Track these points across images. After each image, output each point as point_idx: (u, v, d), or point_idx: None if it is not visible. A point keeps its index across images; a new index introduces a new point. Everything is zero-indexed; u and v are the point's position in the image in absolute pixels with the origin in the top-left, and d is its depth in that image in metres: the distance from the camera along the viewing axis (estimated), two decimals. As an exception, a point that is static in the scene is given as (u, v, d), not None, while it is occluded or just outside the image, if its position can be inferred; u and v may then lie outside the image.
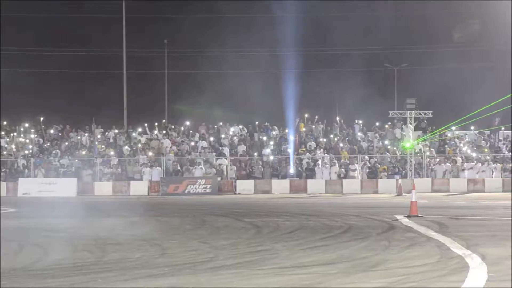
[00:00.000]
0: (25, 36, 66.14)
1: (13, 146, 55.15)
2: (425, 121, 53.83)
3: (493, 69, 59.08)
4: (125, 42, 61.24)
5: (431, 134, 52.81)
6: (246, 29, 61.93)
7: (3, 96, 59.66)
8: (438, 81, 62.16)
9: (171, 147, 54.07)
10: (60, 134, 57.34)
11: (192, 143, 54.70)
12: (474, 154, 52.01)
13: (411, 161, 50.30)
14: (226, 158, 52.09)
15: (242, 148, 53.64)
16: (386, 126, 55.65)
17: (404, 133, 52.50)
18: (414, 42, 68.64)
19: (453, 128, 53.92)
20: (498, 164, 50.85)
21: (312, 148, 53.20)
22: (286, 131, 54.72)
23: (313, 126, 56.08)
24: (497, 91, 48.21)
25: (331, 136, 55.03)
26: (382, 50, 66.79)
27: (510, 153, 51.95)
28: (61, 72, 68.21)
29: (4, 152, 54.08)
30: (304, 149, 53.04)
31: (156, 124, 57.95)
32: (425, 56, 68.36)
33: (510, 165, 50.65)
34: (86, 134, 56.34)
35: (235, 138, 55.38)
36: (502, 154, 52.21)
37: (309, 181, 50.09)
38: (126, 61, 61.84)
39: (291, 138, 53.14)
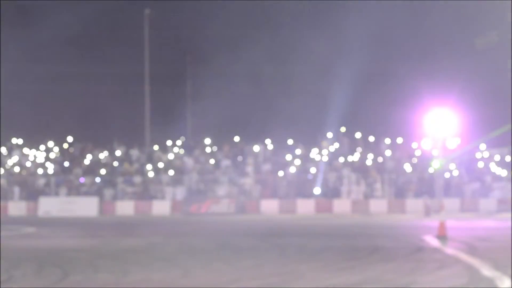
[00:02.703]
0: (46, 54, 66.27)
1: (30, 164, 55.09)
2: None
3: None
4: (148, 58, 61.06)
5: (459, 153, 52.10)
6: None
7: (26, 114, 59.78)
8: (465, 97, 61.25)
9: (194, 166, 53.82)
10: (81, 152, 57.26)
11: (214, 161, 54.32)
12: (504, 173, 51.22)
13: (439, 181, 49.60)
14: (250, 177, 51.75)
15: (266, 167, 53.23)
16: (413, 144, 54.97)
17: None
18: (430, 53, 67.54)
19: (482, 147, 53.21)
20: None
21: (339, 167, 52.65)
22: (312, 150, 54.28)
23: (338, 143, 55.49)
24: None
25: (358, 154, 54.49)
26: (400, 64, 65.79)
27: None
28: (82, 89, 68.21)
29: (24, 171, 54.06)
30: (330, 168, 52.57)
31: (180, 143, 57.62)
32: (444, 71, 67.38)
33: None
34: (107, 152, 56.18)
35: (260, 156, 54.99)
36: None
37: (335, 200, 49.62)
38: (149, 78, 61.67)
39: (317, 157, 52.67)
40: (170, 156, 55.79)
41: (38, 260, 19.35)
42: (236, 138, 57.28)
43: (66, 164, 55.51)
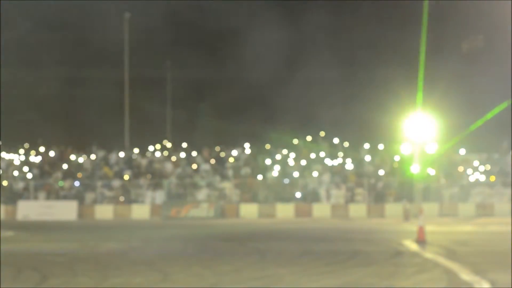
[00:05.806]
0: (25, 57, 66.00)
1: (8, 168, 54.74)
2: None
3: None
4: (128, 62, 60.83)
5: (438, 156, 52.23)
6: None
7: (4, 117, 59.39)
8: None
9: (173, 170, 53.71)
10: (60, 156, 56.97)
11: (195, 166, 54.28)
12: (483, 178, 51.37)
13: (418, 185, 49.70)
14: (229, 181, 51.68)
15: (246, 171, 53.19)
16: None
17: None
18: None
19: (461, 152, 53.36)
20: (507, 188, 50.09)
21: (318, 171, 52.70)
22: (291, 154, 54.26)
23: (318, 148, 55.60)
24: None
25: (338, 159, 54.55)
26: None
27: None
28: (62, 93, 67.95)
29: (3, 175, 53.69)
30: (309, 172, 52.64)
31: (159, 147, 57.47)
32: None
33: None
34: (86, 156, 55.95)
35: (239, 160, 54.96)
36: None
37: (314, 205, 49.60)
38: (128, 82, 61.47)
39: (296, 161, 52.63)
40: (150, 160, 55.66)
41: (17, 264, 19.21)
42: (216, 143, 57.29)
43: (45, 168, 55.20)
